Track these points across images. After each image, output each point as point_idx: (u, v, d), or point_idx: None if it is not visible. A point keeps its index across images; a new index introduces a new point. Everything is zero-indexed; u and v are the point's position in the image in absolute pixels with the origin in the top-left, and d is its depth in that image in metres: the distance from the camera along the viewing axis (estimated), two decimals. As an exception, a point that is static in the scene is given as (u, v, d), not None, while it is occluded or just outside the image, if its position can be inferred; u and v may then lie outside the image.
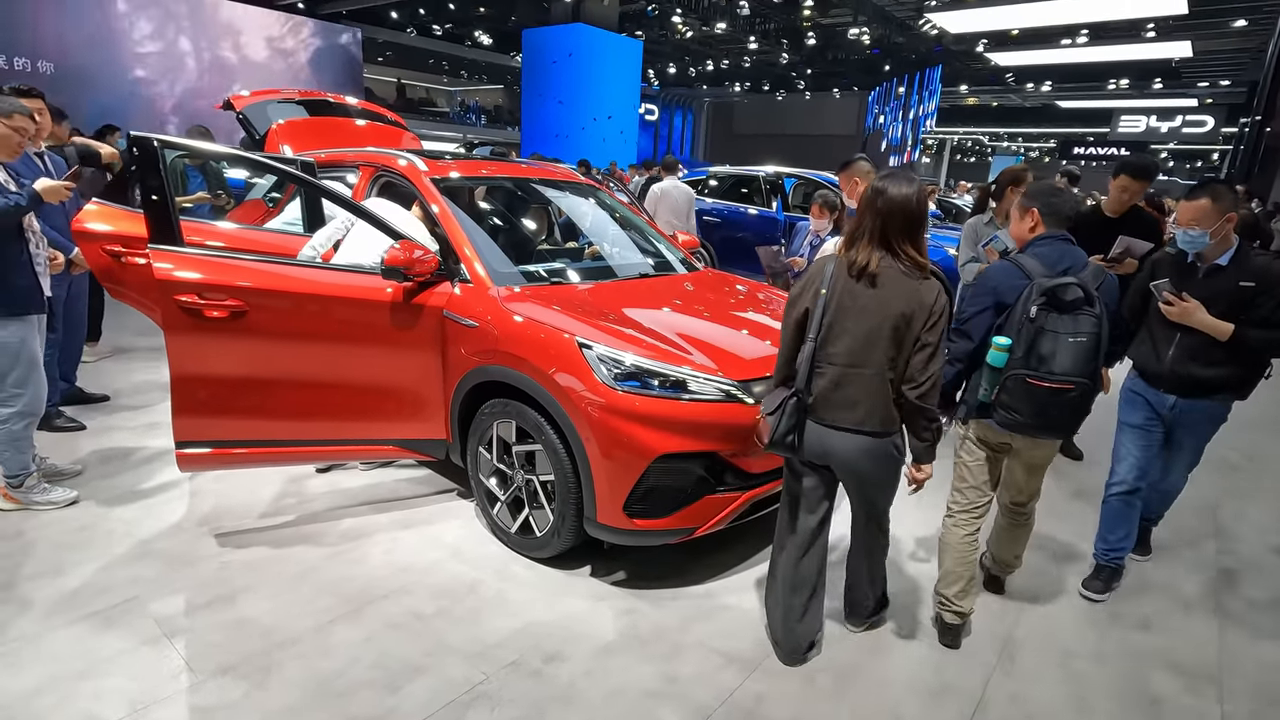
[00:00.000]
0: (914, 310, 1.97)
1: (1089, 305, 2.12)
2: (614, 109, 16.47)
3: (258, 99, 4.66)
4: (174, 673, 2.09)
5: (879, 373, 2.01)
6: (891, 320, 1.98)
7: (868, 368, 2.01)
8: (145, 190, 2.50)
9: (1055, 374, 2.10)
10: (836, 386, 2.03)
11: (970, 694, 2.20)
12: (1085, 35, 16.78)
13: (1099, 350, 2.12)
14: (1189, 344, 2.51)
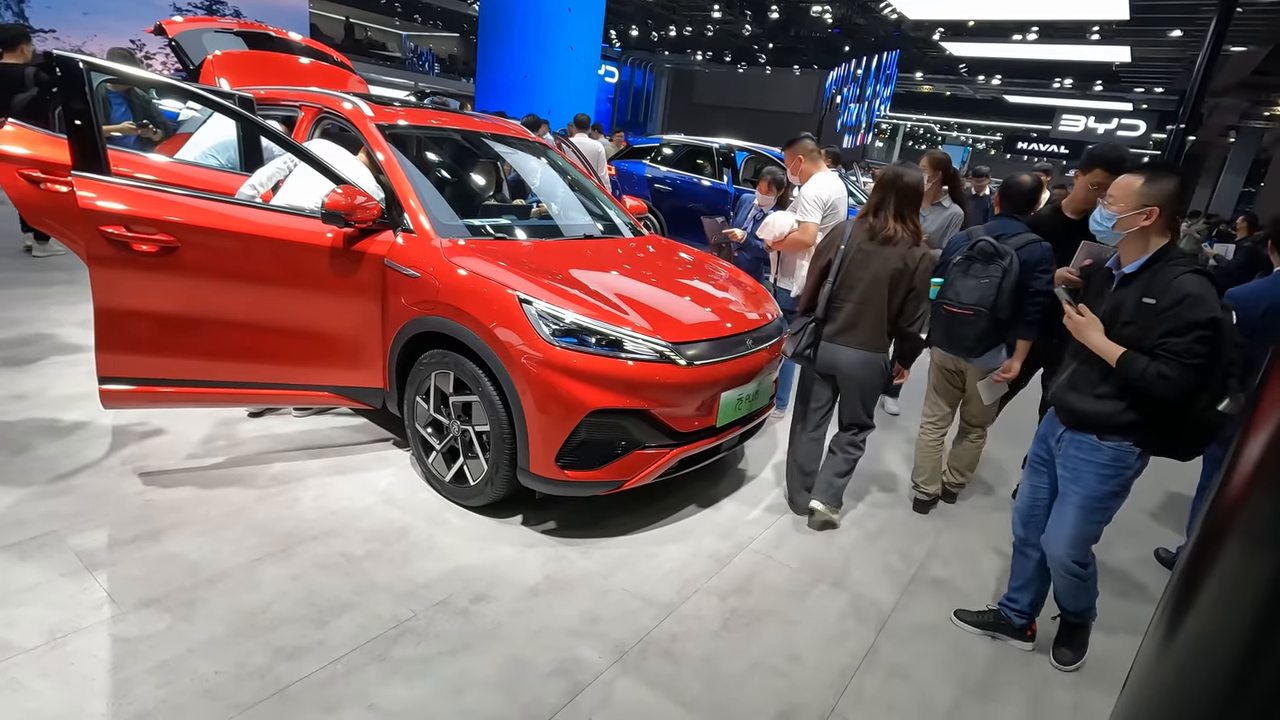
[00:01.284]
0: (908, 266, 2.75)
1: (999, 258, 2.77)
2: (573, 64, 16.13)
3: (192, 26, 4.42)
4: (95, 604, 2.09)
5: (878, 309, 2.78)
6: (890, 272, 2.74)
7: (870, 305, 2.78)
8: (69, 114, 2.39)
9: (958, 301, 2.85)
10: (846, 317, 2.81)
11: (863, 640, 2.40)
12: (1035, 32, 17.30)
13: (1000, 291, 2.76)
14: (1080, 366, 2.14)
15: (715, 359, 2.73)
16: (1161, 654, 1.12)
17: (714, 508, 3.11)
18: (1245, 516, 1.03)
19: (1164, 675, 1.12)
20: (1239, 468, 1.06)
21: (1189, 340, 1.87)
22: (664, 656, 2.19)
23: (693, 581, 2.58)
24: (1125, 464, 2.08)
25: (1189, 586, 1.10)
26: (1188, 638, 1.09)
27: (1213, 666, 1.02)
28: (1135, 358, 1.95)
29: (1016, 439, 3.83)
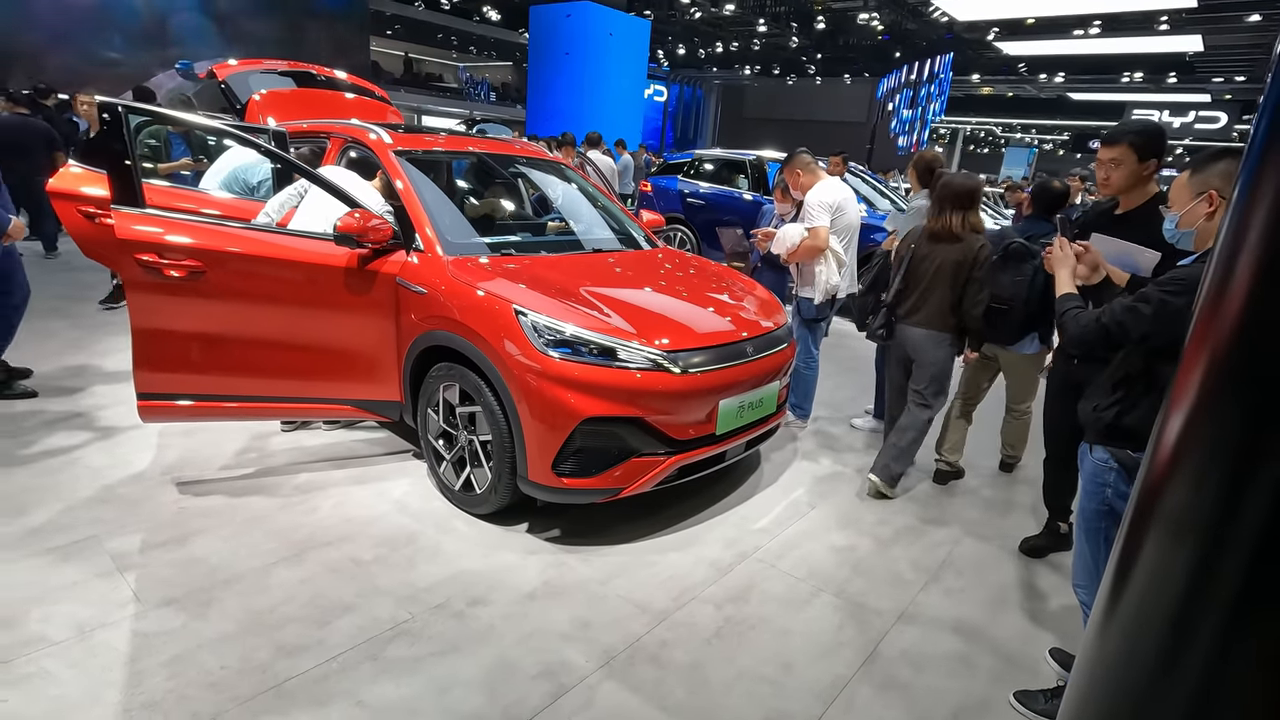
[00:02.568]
0: (968, 258, 3.15)
1: (1030, 258, 3.01)
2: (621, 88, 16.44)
3: (242, 69, 4.77)
4: (122, 602, 2.26)
5: (942, 296, 3.21)
6: (952, 265, 3.17)
7: (935, 292, 3.22)
8: (110, 154, 2.63)
9: (995, 296, 3.12)
10: (914, 303, 3.28)
11: (861, 651, 2.34)
12: (1098, 26, 16.58)
13: (1031, 287, 3.02)
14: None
15: (711, 366, 2.74)
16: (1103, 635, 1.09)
17: (720, 517, 3.10)
18: (1163, 506, 0.99)
19: (1105, 654, 1.08)
20: (1157, 455, 1.02)
21: (1130, 303, 1.82)
22: (651, 662, 2.20)
23: (690, 590, 2.57)
24: (1103, 479, 1.94)
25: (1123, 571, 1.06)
26: (1123, 619, 1.05)
27: (1145, 645, 0.99)
28: (1071, 297, 2.02)
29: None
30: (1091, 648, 1.11)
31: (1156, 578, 0.99)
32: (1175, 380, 1.05)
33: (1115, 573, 1.08)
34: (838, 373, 5.27)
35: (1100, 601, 1.11)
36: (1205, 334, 0.98)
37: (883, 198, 7.76)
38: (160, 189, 3.35)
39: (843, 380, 5.12)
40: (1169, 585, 0.97)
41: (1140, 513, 1.06)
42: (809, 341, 3.90)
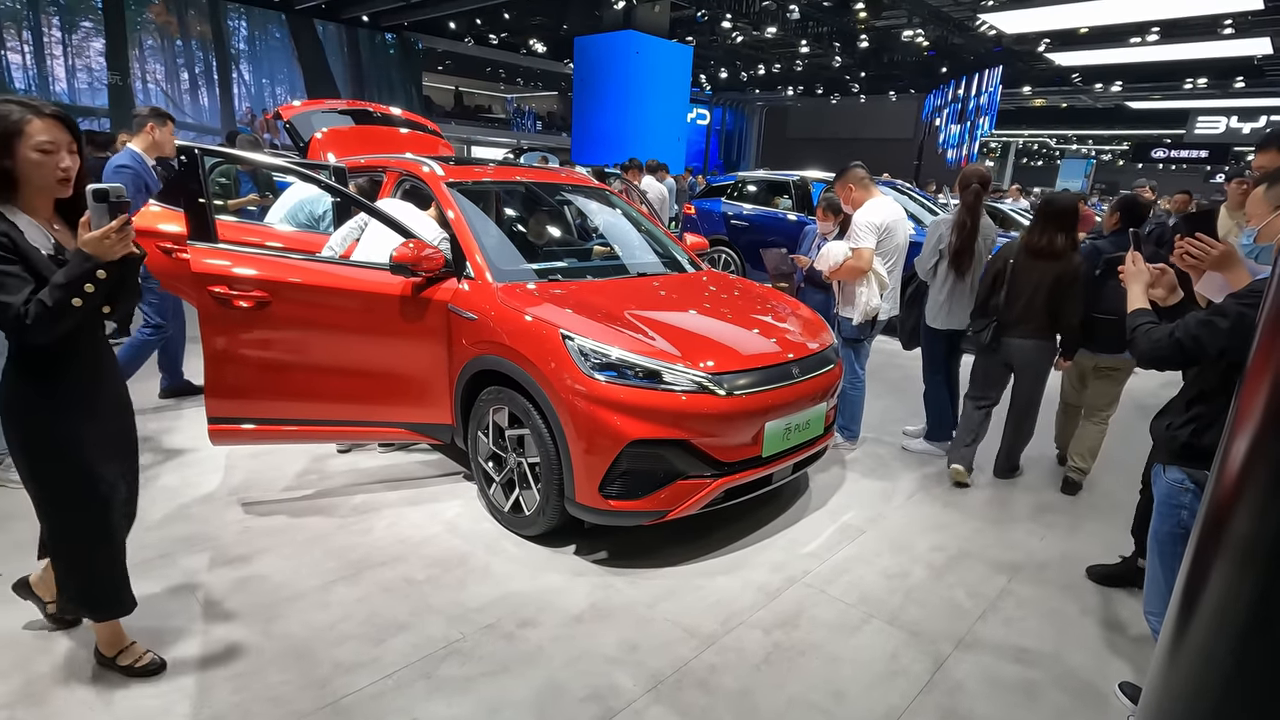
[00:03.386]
0: (1068, 273, 3.35)
1: None
2: (665, 114, 16.69)
3: (305, 109, 5.04)
4: (192, 617, 2.37)
5: (1043, 306, 3.39)
6: (1051, 278, 3.35)
7: (1035, 305, 3.40)
8: (187, 193, 2.82)
9: (1099, 308, 3.32)
10: (1017, 315, 3.45)
11: (916, 680, 2.28)
12: (1156, 33, 16.04)
13: None
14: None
15: (757, 388, 2.74)
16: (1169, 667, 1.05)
17: (768, 540, 3.07)
18: (1229, 533, 0.95)
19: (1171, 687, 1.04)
20: (1221, 479, 0.98)
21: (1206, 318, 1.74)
22: (700, 687, 2.18)
23: (738, 614, 2.55)
24: (1178, 501, 1.86)
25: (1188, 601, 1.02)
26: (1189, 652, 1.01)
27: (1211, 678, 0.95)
28: (1144, 312, 1.92)
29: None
30: (1158, 681, 1.07)
31: (1222, 608, 0.95)
32: (1239, 399, 1.01)
33: (1180, 603, 1.04)
34: (887, 393, 5.17)
35: (1166, 633, 1.07)
36: (1270, 350, 0.95)
37: (931, 214, 7.64)
38: (230, 224, 3.55)
39: (893, 401, 5.02)
40: (1234, 616, 0.93)
41: (1205, 540, 1.02)
42: (853, 361, 3.85)
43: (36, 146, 1.62)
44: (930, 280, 3.83)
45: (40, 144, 1.63)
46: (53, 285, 1.60)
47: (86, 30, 15.82)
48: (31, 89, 15.03)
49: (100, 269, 1.62)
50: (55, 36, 15.40)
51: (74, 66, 15.74)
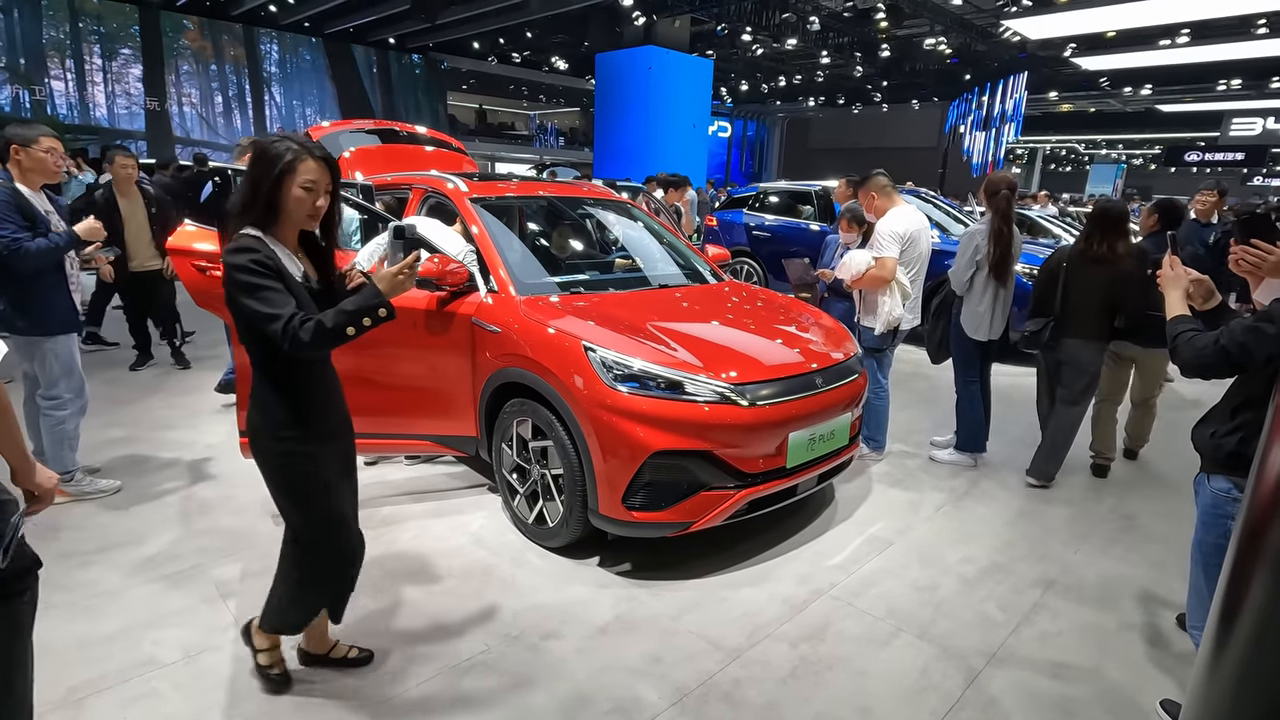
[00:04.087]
0: (1119, 276, 3.45)
1: None
2: (686, 127, 16.78)
3: (334, 129, 5.15)
4: (224, 627, 2.41)
5: (1098, 308, 3.50)
6: (1106, 281, 3.46)
7: (1091, 303, 3.50)
8: (221, 213, 2.90)
9: (1151, 307, 2.93)
10: (1072, 315, 3.54)
11: (947, 696, 2.23)
12: (1186, 35, 15.75)
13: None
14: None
15: (780, 399, 2.72)
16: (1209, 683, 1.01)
17: (794, 552, 3.03)
18: (1268, 546, 0.92)
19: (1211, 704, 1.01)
20: (1259, 490, 0.95)
21: (1251, 323, 1.69)
22: (724, 701, 2.16)
23: (764, 627, 2.52)
24: (1224, 511, 1.81)
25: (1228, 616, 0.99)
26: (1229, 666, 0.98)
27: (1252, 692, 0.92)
28: (1185, 319, 1.87)
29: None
30: (1198, 695, 1.04)
31: (1262, 621, 0.92)
32: (1276, 408, 0.99)
33: (1220, 616, 1.01)
34: (914, 404, 5.10)
35: (1205, 646, 1.03)
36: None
37: (956, 223, 7.55)
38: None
39: (919, 412, 4.95)
40: (1275, 629, 0.90)
41: (1243, 551, 0.99)
42: (876, 371, 3.81)
43: (303, 184, 1.72)
44: (966, 292, 3.75)
45: (306, 182, 1.73)
46: (339, 310, 1.71)
47: (125, 57, 16.44)
48: (73, 115, 15.63)
49: (384, 307, 1.72)
50: (96, 64, 16.02)
51: (114, 92, 16.35)
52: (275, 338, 1.68)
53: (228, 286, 1.71)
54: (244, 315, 1.73)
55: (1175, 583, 2.92)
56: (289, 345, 1.67)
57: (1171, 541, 3.26)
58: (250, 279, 1.67)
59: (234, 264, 1.68)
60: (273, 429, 1.86)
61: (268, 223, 1.76)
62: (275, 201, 1.73)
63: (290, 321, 1.67)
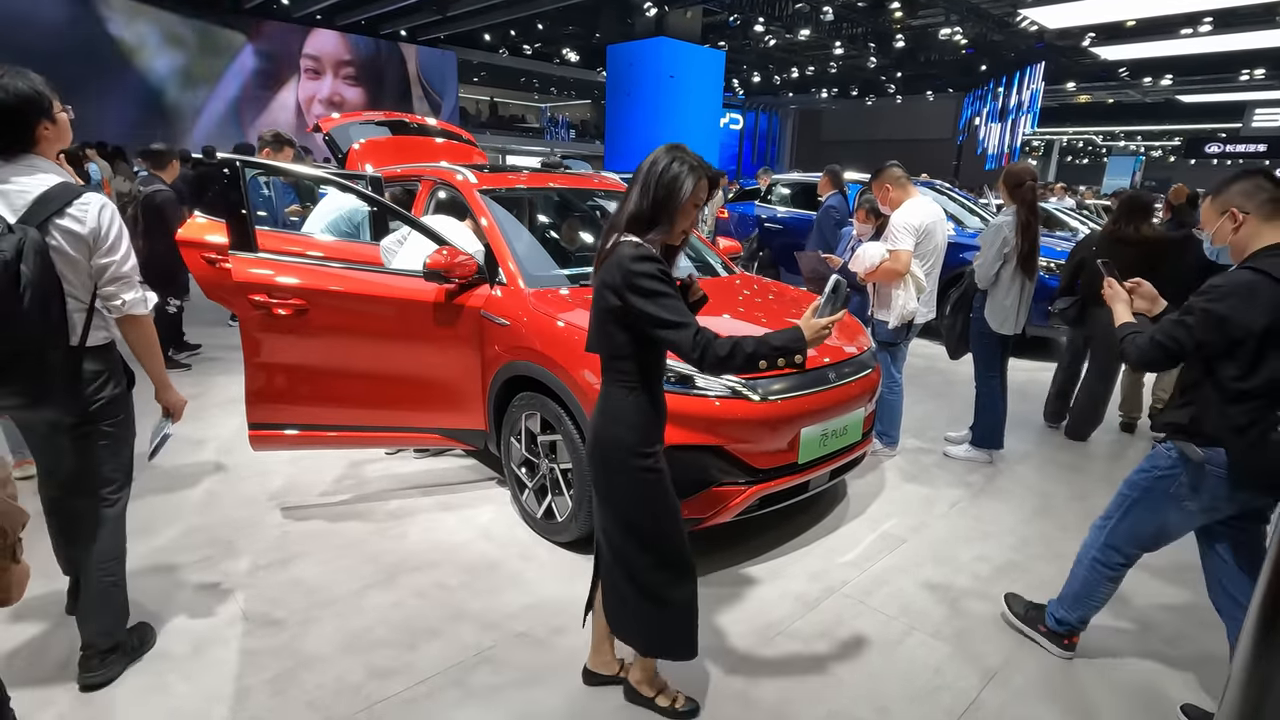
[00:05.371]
0: (1150, 251, 3.78)
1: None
2: (697, 119, 16.65)
3: (344, 121, 5.13)
4: (231, 620, 2.41)
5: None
6: (1134, 257, 3.48)
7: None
8: (228, 204, 2.88)
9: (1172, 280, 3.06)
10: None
11: (963, 695, 2.18)
12: (1209, 24, 15.44)
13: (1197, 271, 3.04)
14: None
15: (792, 393, 2.68)
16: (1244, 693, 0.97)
17: (805, 549, 2.99)
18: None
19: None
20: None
21: (1177, 318, 1.92)
22: (736, 699, 2.13)
23: (775, 624, 2.49)
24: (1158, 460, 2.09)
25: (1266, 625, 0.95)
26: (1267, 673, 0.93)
27: None
28: (1127, 325, 2.10)
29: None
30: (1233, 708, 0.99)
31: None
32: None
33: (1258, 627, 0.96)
34: (929, 399, 5.03)
35: (1242, 657, 0.99)
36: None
37: (972, 215, 7.44)
38: (271, 234, 3.62)
39: (934, 407, 4.88)
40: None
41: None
42: (889, 365, 3.75)
43: (694, 201, 1.75)
44: (991, 286, 3.68)
45: (697, 199, 1.76)
46: (763, 340, 1.69)
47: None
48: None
49: (802, 353, 1.69)
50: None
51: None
52: (681, 345, 1.66)
53: (623, 291, 1.67)
54: (642, 320, 1.68)
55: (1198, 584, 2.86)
56: (698, 354, 1.66)
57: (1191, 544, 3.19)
58: (658, 285, 1.65)
59: (642, 270, 1.65)
60: (638, 445, 1.79)
61: (655, 235, 1.74)
62: (671, 217, 1.73)
63: (701, 332, 1.66)
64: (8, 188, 1.81)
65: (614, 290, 1.69)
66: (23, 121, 1.83)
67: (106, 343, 2.01)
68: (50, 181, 1.85)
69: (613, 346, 1.77)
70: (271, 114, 18.40)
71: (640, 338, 1.73)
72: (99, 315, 1.96)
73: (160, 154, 5.19)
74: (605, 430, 1.82)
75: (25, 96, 1.81)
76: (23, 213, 1.79)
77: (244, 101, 18.20)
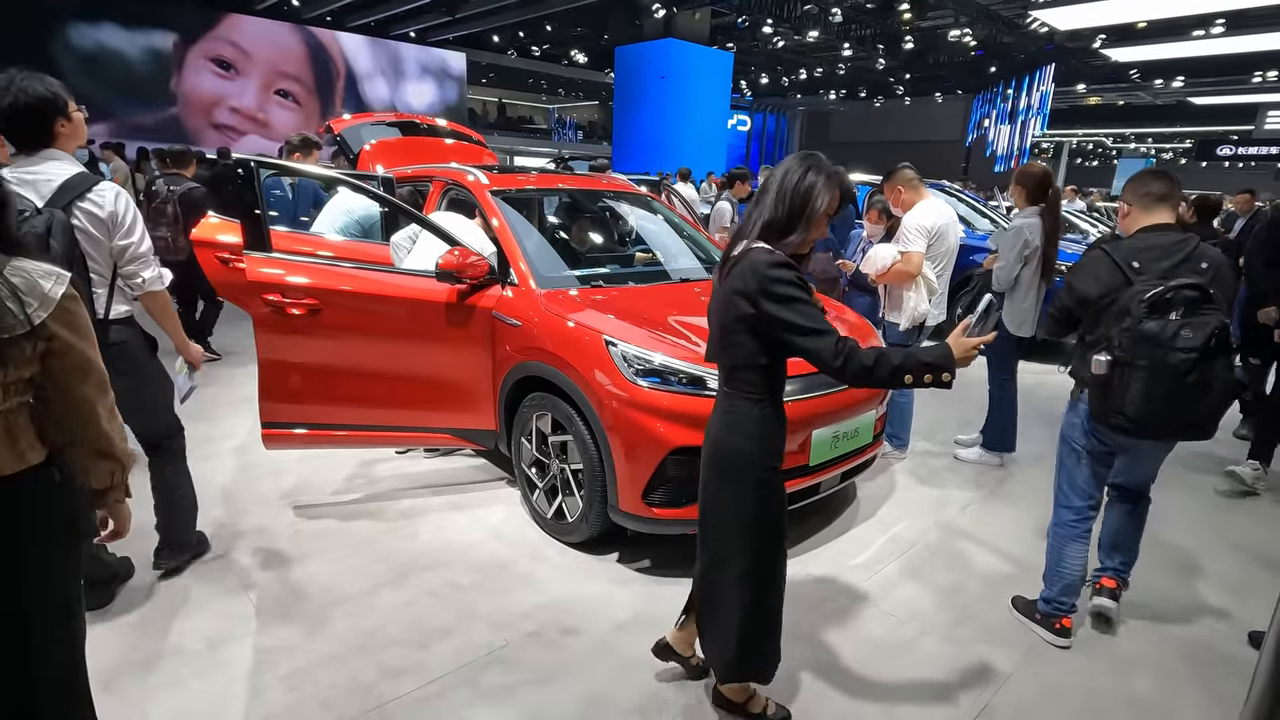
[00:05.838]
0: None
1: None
2: (705, 121, 16.66)
3: (355, 122, 5.16)
4: (245, 618, 2.42)
5: None
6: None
7: None
8: (243, 204, 2.90)
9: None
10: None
11: (976, 701, 2.18)
12: (1221, 25, 15.33)
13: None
14: None
15: (802, 395, 2.68)
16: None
17: (816, 551, 2.99)
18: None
19: None
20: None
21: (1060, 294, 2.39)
22: (746, 702, 2.12)
23: (785, 627, 2.45)
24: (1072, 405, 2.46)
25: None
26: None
27: None
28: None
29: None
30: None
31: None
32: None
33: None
34: (938, 402, 5.01)
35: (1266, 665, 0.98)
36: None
37: (982, 217, 7.42)
38: (284, 234, 3.64)
39: (944, 410, 4.86)
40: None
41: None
42: None
43: (828, 212, 1.73)
44: (1011, 289, 3.65)
45: (830, 210, 1.74)
46: (911, 354, 1.65)
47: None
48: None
49: (950, 372, 1.63)
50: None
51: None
52: (821, 352, 1.62)
53: (758, 298, 1.64)
54: (777, 327, 1.65)
55: (1213, 590, 2.85)
56: (841, 361, 1.62)
57: (1205, 549, 3.17)
58: (797, 292, 1.64)
59: (779, 276, 1.63)
60: (760, 456, 1.78)
61: (790, 242, 1.72)
62: (806, 227, 1.71)
63: (844, 340, 1.63)
64: (34, 177, 2.06)
65: (747, 297, 1.65)
66: (42, 120, 2.07)
67: (127, 315, 2.33)
68: (70, 171, 2.12)
69: (739, 356, 1.74)
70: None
71: (771, 346, 1.70)
72: (119, 291, 2.28)
73: (182, 154, 5.57)
74: (727, 440, 1.79)
75: (43, 98, 2.05)
76: (49, 198, 2.05)
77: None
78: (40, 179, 2.06)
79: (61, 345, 1.27)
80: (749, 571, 1.84)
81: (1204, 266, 2.12)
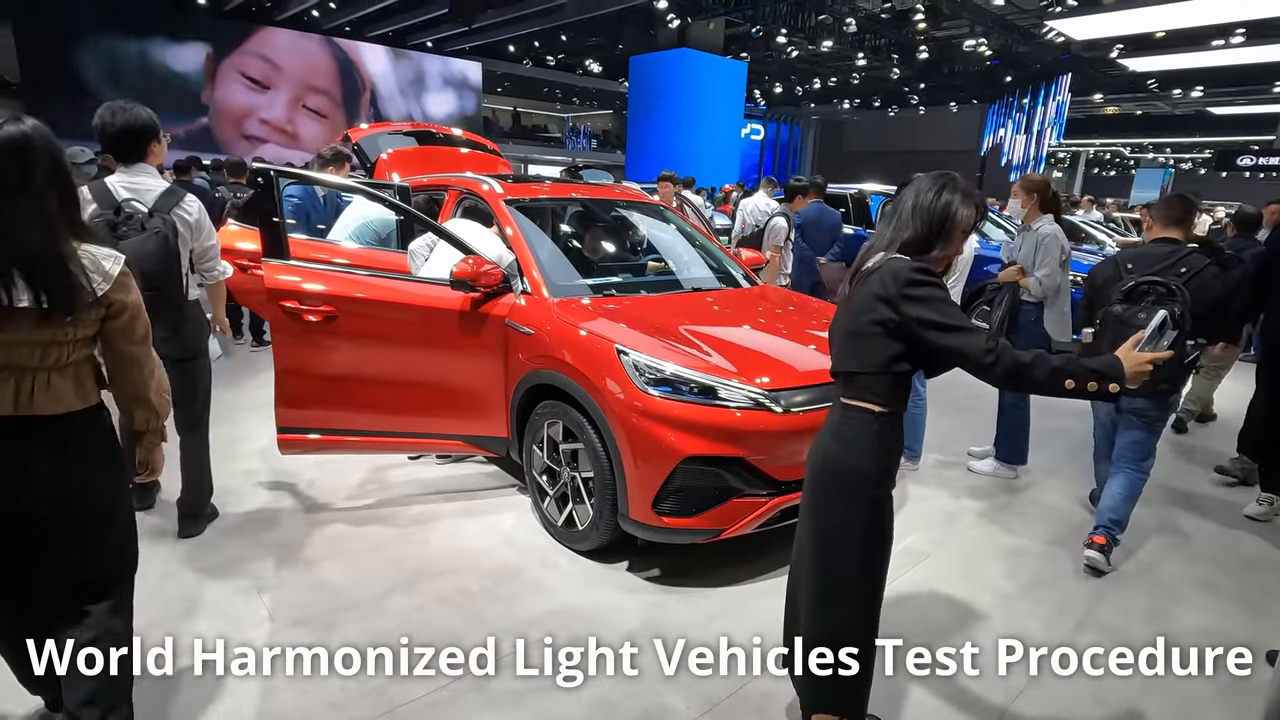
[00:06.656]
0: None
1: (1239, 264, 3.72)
2: (718, 130, 16.70)
3: (372, 131, 5.24)
4: (258, 620, 2.45)
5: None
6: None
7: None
8: (263, 213, 2.96)
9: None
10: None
11: (988, 712, 2.16)
12: (1241, 35, 15.19)
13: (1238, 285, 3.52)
14: None
15: (815, 405, 2.67)
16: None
17: (826, 562, 2.97)
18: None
19: None
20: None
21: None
22: (756, 713, 2.13)
23: (795, 638, 2.47)
24: None
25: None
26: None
27: None
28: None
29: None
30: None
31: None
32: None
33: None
34: (950, 413, 4.98)
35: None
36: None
37: (997, 228, 7.39)
38: (302, 242, 3.69)
39: (957, 421, 4.83)
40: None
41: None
42: (913, 379, 3.72)
43: (964, 229, 1.72)
44: (1053, 296, 3.64)
45: (967, 227, 1.72)
46: (1078, 361, 1.60)
47: (175, 63, 16.82)
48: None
49: (1118, 383, 1.57)
50: (148, 69, 16.40)
51: (163, 97, 16.75)
52: (969, 349, 1.59)
53: (898, 302, 1.62)
54: (922, 327, 1.62)
55: (1229, 605, 2.81)
56: (992, 359, 1.57)
57: (1221, 560, 3.12)
58: (939, 293, 1.63)
59: (921, 279, 1.63)
60: (875, 474, 1.74)
61: (929, 258, 1.70)
62: (945, 244, 1.71)
63: (996, 339, 1.61)
64: (136, 186, 2.54)
65: (886, 300, 1.63)
66: (143, 140, 2.54)
67: (195, 298, 2.81)
68: (161, 184, 2.60)
69: (871, 363, 1.70)
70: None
71: (910, 351, 1.68)
72: (191, 278, 2.75)
73: (239, 165, 6.50)
74: (842, 457, 1.75)
75: (146, 123, 2.53)
76: (152, 204, 2.52)
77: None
78: (142, 188, 2.54)
79: (117, 310, 1.57)
80: (847, 595, 1.79)
81: (1184, 270, 2.75)
